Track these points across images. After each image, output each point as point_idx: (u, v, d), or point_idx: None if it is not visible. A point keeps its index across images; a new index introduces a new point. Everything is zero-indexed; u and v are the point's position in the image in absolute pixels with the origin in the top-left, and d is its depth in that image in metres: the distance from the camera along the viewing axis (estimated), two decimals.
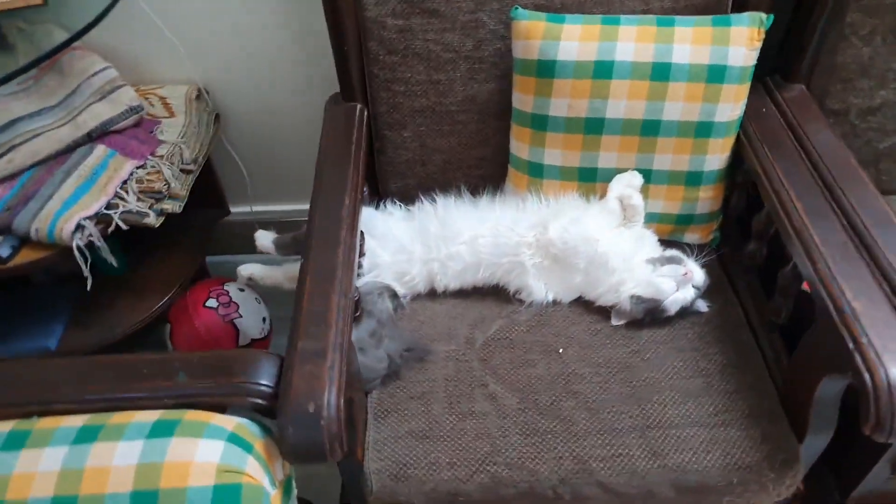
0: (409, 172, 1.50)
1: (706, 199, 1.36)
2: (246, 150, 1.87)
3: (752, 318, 1.31)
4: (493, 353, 1.27)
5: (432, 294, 1.38)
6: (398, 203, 1.46)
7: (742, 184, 1.40)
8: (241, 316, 1.68)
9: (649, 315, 1.27)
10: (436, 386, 1.22)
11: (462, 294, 1.38)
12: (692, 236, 1.42)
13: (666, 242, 1.37)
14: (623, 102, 1.26)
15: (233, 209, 1.96)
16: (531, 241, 1.32)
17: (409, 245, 1.34)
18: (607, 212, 1.32)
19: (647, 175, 1.34)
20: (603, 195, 1.36)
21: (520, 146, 1.37)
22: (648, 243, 1.34)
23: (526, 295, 1.34)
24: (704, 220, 1.40)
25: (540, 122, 1.32)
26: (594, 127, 1.29)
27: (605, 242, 1.29)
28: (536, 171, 1.37)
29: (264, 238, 1.51)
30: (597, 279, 1.30)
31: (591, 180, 1.36)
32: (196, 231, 1.81)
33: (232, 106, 1.79)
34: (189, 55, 1.66)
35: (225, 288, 1.71)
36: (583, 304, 1.35)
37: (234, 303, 1.68)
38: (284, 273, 1.48)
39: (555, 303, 1.34)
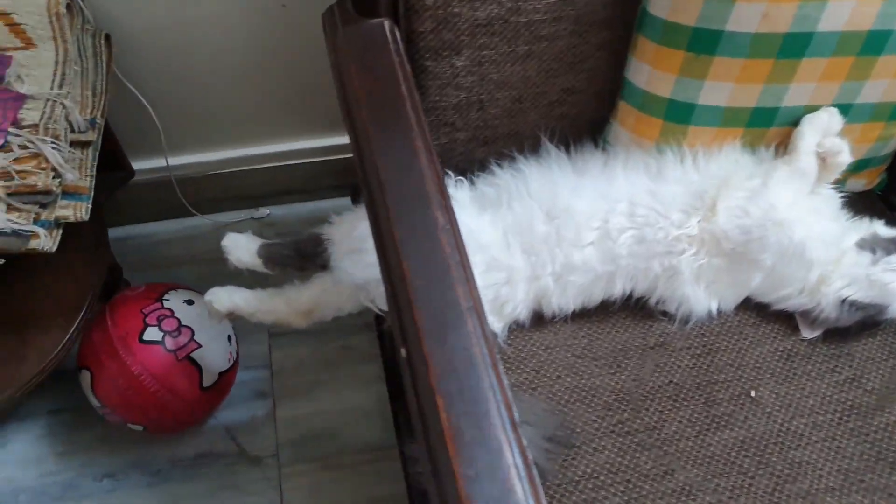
0: (460, 121, 0.96)
1: None
2: (151, 82, 1.21)
3: None
4: (661, 413, 0.84)
5: (537, 321, 0.91)
6: (450, 174, 0.93)
7: None
8: (199, 345, 1.12)
9: (859, 324, 0.88)
10: (602, 489, 0.78)
11: (580, 316, 0.91)
12: (857, 182, 1.02)
13: None
14: (849, 6, 0.78)
15: (139, 165, 1.32)
16: (693, 234, 0.86)
17: (505, 256, 0.84)
18: (798, 174, 0.88)
19: (845, 111, 0.89)
20: (782, 144, 0.90)
21: (657, 76, 0.87)
22: (842, 215, 0.92)
23: (677, 307, 0.90)
24: (880, 162, 1.00)
25: (707, 42, 0.82)
26: (794, 47, 0.81)
27: (802, 225, 0.85)
28: (680, 114, 0.89)
29: (240, 246, 0.95)
30: (784, 277, 0.88)
31: (764, 125, 0.89)
32: (92, 215, 1.18)
33: (124, 19, 1.11)
34: None
35: (166, 305, 1.13)
36: (748, 308, 0.93)
37: (187, 327, 1.12)
38: (289, 303, 0.94)
39: (718, 313, 0.92)
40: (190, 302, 1.16)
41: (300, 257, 0.93)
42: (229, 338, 1.19)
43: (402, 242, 0.67)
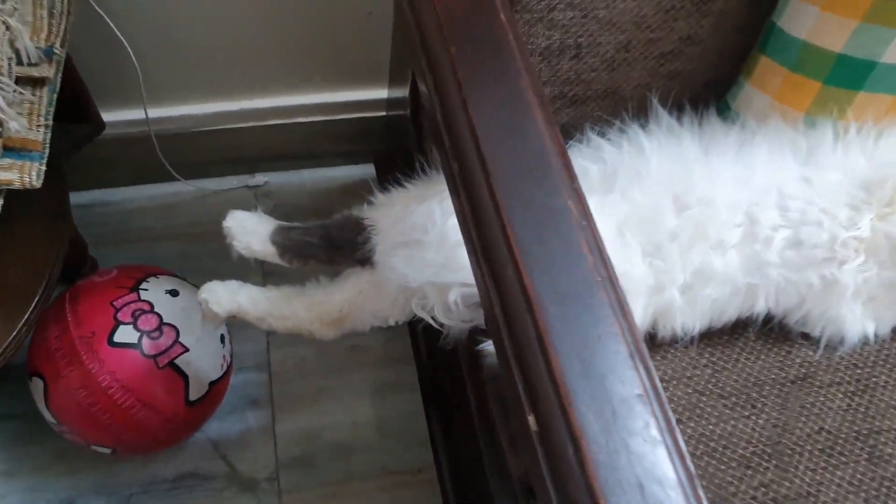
0: (547, 72, 0.73)
1: None
2: (130, 9, 0.95)
3: None
4: (815, 473, 0.63)
5: (648, 344, 0.69)
6: None
7: None
8: (186, 349, 0.88)
9: None
10: None
11: (702, 339, 0.69)
12: None
13: None
14: None
15: (111, 116, 1.07)
16: (865, 236, 0.65)
17: (620, 261, 0.62)
18: None
19: None
20: None
21: (831, 22, 0.64)
22: None
23: (822, 329, 0.69)
24: None
25: None
26: None
27: None
28: (851, 76, 0.67)
29: (248, 229, 0.71)
30: None
31: None
32: (49, 177, 0.92)
33: None
34: None
35: (144, 297, 0.89)
36: None
37: (170, 326, 0.88)
38: (312, 308, 0.70)
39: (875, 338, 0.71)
40: (174, 292, 0.92)
41: (330, 247, 0.70)
42: (222, 338, 0.96)
43: (521, 247, 0.44)
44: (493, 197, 0.46)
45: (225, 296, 0.71)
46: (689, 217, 0.63)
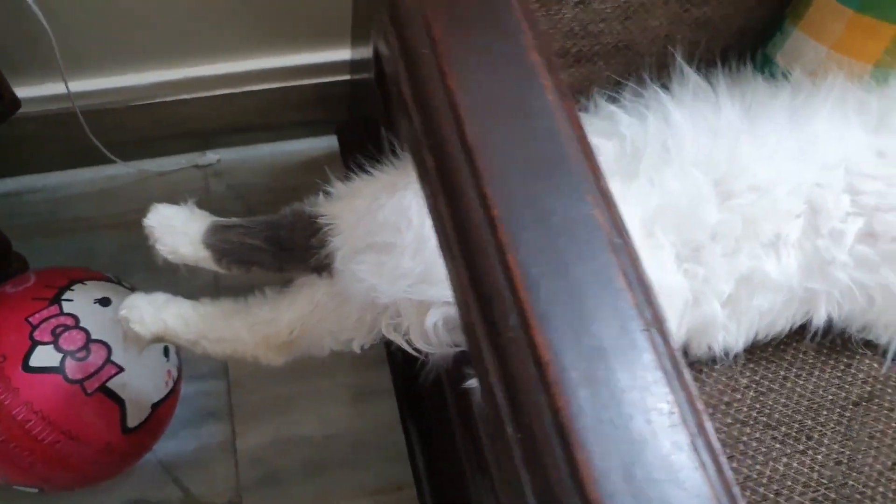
0: (545, 22, 0.58)
1: None
2: None
3: None
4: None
5: None
6: None
7: None
8: (120, 369, 0.74)
9: None
10: None
11: (744, 355, 0.56)
12: None
13: None
14: None
15: (26, 92, 0.90)
16: None
17: (652, 268, 0.48)
18: None
19: None
20: None
21: None
22: None
23: (890, 338, 0.56)
24: None
25: None
26: None
27: None
28: None
29: (175, 228, 0.57)
30: None
31: None
32: None
33: None
34: None
35: (67, 310, 0.74)
36: None
37: (100, 343, 0.73)
38: (256, 328, 0.56)
39: None
40: (105, 301, 0.77)
41: (278, 251, 0.55)
42: (166, 350, 0.81)
43: (529, 283, 0.30)
44: (486, 205, 0.32)
45: (149, 314, 0.57)
46: (735, 208, 0.49)
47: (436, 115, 0.35)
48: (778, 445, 0.53)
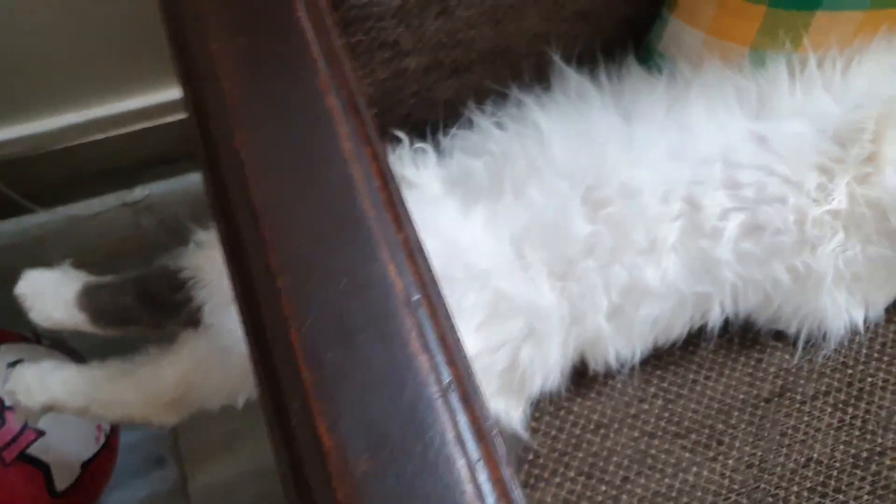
0: (409, 37, 0.55)
1: None
2: None
3: None
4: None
5: (579, 378, 0.53)
6: (402, 137, 0.53)
7: None
8: (40, 433, 0.72)
9: None
10: None
11: (648, 362, 0.54)
12: None
13: None
14: None
15: None
16: (842, 208, 0.49)
17: (521, 288, 0.46)
18: None
19: None
20: None
21: None
22: None
23: (799, 326, 0.54)
24: None
25: None
26: None
27: None
28: None
29: (46, 294, 0.55)
30: None
31: None
32: None
33: None
34: None
35: None
36: None
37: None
38: (142, 388, 0.54)
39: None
40: (17, 363, 0.75)
41: (150, 307, 0.53)
42: None
43: (312, 357, 0.28)
44: (270, 275, 0.30)
45: (35, 383, 0.55)
46: (606, 217, 0.46)
47: (223, 177, 0.32)
48: (688, 455, 0.51)
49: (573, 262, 0.46)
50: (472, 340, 0.45)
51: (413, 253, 0.31)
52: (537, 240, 0.46)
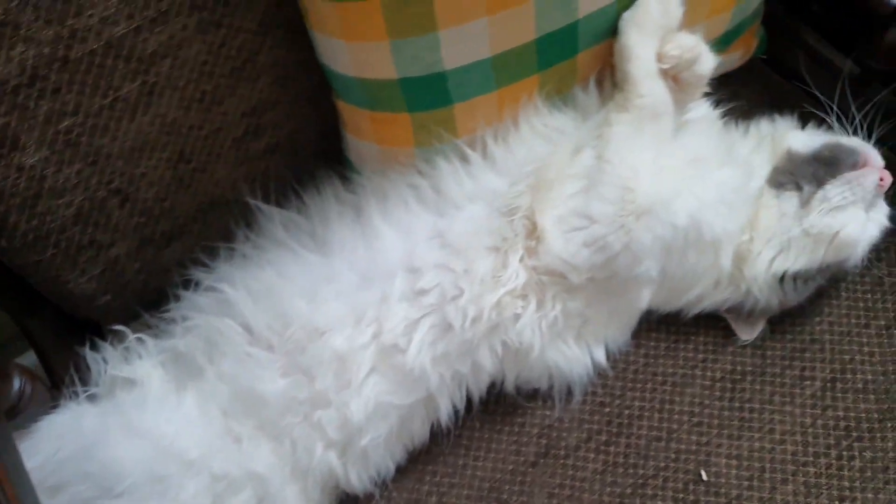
0: (102, 235, 0.56)
1: None
2: None
3: None
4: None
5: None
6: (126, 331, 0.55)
7: None
8: None
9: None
10: None
11: (411, 465, 0.56)
12: (731, 58, 0.68)
13: None
14: None
15: None
16: (520, 283, 0.51)
17: (237, 462, 0.48)
18: (646, 117, 0.52)
19: None
20: (604, 75, 0.55)
21: (362, 51, 0.49)
22: (733, 139, 0.59)
23: (547, 382, 0.56)
24: (751, 21, 0.67)
25: None
26: None
27: (684, 197, 0.51)
28: (430, 95, 0.52)
29: None
30: (686, 277, 0.55)
31: (564, 56, 0.53)
32: None
33: None
34: None
35: None
36: (652, 327, 0.60)
37: None
38: None
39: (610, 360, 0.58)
40: None
41: None
42: None
43: None
44: None
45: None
46: (299, 367, 0.48)
47: None
48: None
49: (276, 423, 0.48)
50: None
51: None
52: (241, 410, 0.48)
